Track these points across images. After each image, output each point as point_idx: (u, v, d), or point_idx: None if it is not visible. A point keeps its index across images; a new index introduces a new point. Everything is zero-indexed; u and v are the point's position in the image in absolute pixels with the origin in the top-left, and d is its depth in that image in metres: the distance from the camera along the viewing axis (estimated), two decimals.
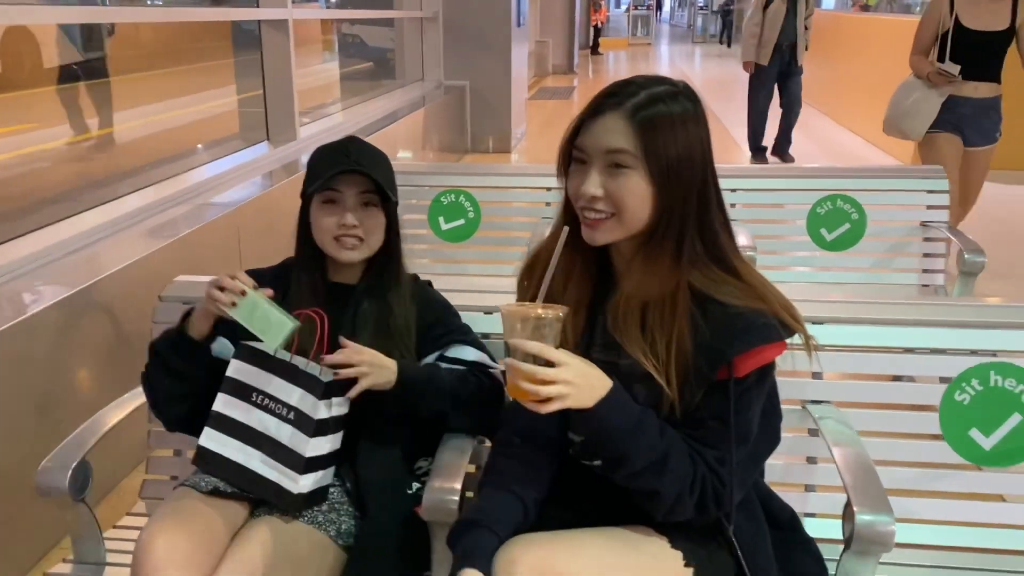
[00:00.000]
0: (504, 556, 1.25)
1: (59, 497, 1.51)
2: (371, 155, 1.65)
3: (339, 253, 1.62)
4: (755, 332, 1.26)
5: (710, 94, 13.48)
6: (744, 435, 1.32)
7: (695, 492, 1.28)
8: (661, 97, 1.28)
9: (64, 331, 2.42)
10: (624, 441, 1.24)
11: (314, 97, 6.75)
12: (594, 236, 1.31)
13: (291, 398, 1.50)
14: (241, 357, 1.54)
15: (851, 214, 3.19)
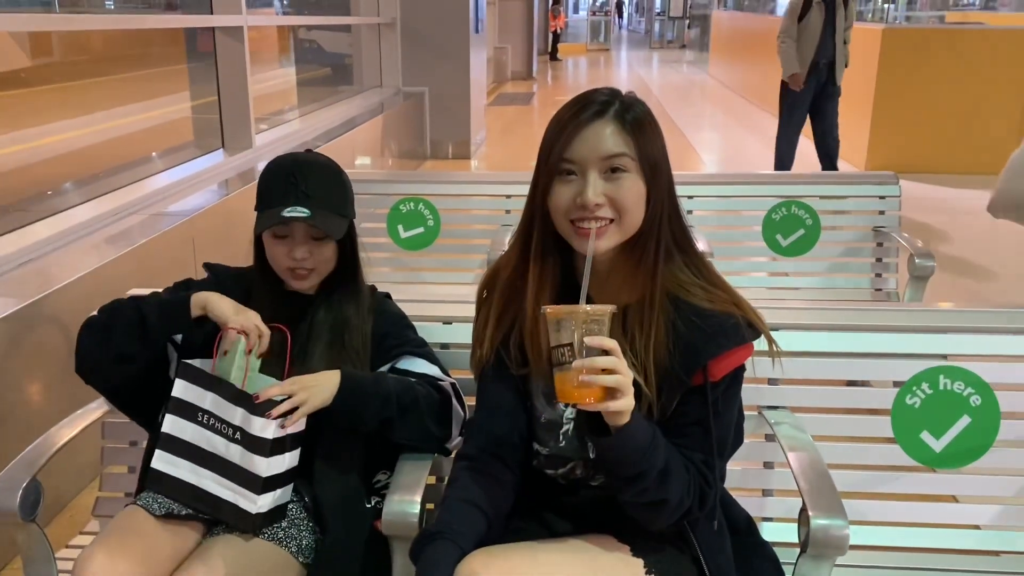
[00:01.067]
0: (464, 569, 1.25)
1: (9, 518, 1.47)
2: (322, 180, 1.59)
3: (291, 281, 1.62)
4: (727, 335, 1.30)
5: (668, 100, 13.63)
6: (724, 437, 1.35)
7: (692, 493, 1.31)
8: (633, 101, 1.35)
9: (14, 345, 2.37)
10: (643, 459, 1.25)
11: (270, 104, 6.67)
12: (597, 244, 1.30)
13: (234, 418, 1.48)
14: (184, 376, 1.52)
15: (805, 220, 3.25)
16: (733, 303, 1.34)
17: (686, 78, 18.44)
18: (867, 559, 1.70)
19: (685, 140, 9.44)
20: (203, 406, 1.50)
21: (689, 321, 1.31)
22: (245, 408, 1.48)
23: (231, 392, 1.50)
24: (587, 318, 1.18)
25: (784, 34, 6.33)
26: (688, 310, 1.32)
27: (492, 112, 10.75)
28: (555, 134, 1.33)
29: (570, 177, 1.31)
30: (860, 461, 1.77)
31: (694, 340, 1.30)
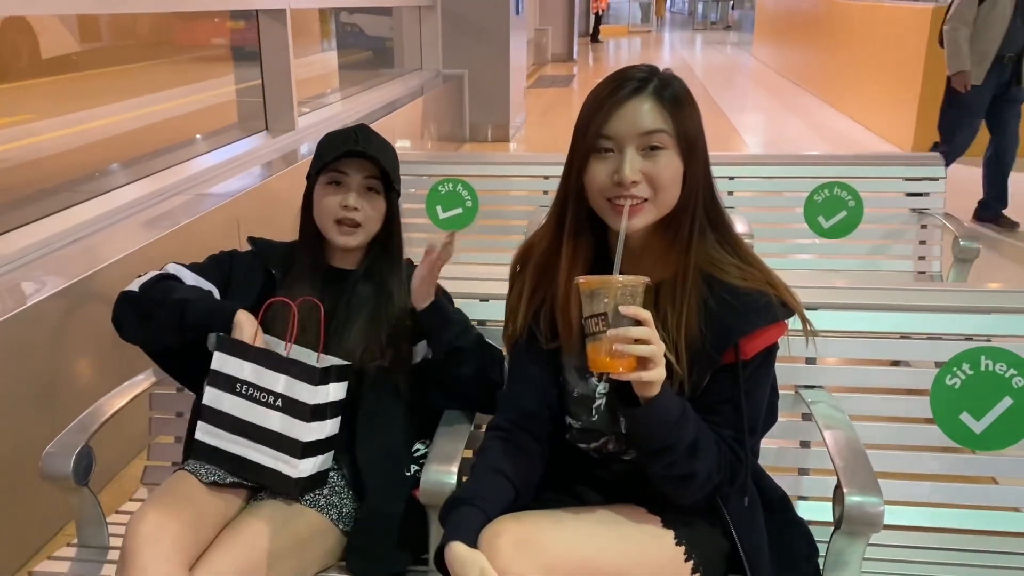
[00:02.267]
0: (489, 530, 1.28)
1: (63, 482, 1.53)
2: (379, 143, 1.68)
3: (336, 237, 1.65)
4: (759, 313, 1.30)
5: (711, 81, 13.48)
6: (755, 415, 1.36)
7: (722, 469, 1.32)
8: (671, 77, 1.34)
9: (65, 320, 2.44)
10: (672, 432, 1.26)
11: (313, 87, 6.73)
12: (633, 222, 1.30)
13: (276, 385, 1.51)
14: (223, 349, 1.55)
15: (848, 201, 3.20)
16: (767, 281, 1.34)
17: (730, 59, 18.19)
18: (904, 539, 1.69)
19: (728, 122, 9.33)
20: (242, 377, 1.53)
21: (721, 299, 1.31)
22: (291, 374, 1.51)
23: (275, 359, 1.52)
24: (621, 289, 1.19)
25: (956, 19, 5.03)
26: (721, 288, 1.32)
27: (532, 94, 10.71)
28: (592, 110, 1.32)
29: (607, 154, 1.31)
30: (898, 441, 1.76)
31: (726, 318, 1.30)
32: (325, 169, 1.64)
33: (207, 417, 1.55)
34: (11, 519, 2.23)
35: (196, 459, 1.57)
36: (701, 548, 1.37)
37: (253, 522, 1.44)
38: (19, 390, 2.27)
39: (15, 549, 2.25)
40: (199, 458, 1.56)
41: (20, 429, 2.24)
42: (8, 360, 2.22)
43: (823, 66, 11.06)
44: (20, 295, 2.38)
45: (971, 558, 1.64)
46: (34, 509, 2.28)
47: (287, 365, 1.51)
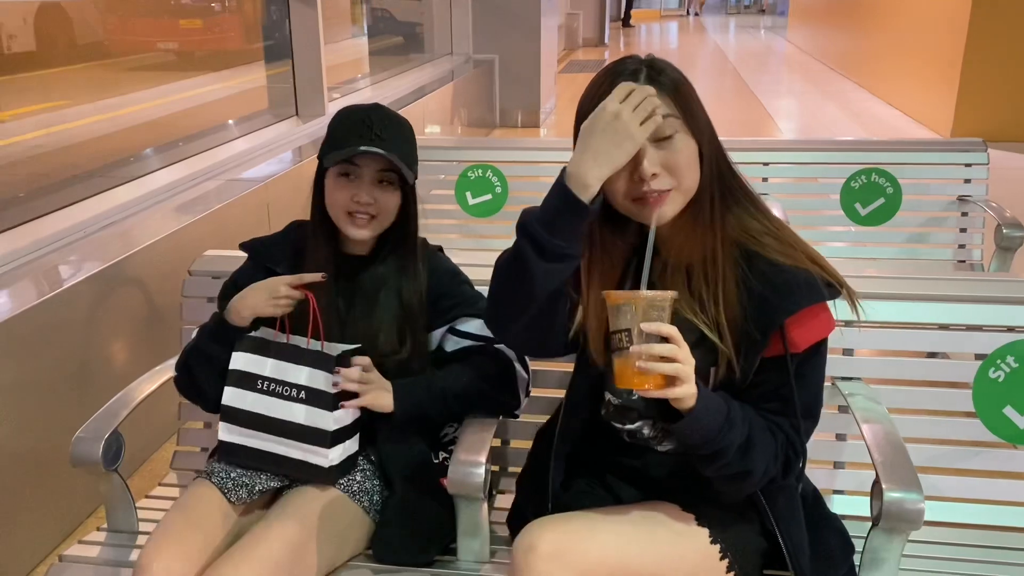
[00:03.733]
0: (522, 542, 1.26)
1: (92, 467, 1.54)
2: (395, 129, 1.57)
3: (348, 229, 1.57)
4: (803, 291, 1.26)
5: (745, 66, 13.29)
6: (810, 406, 1.32)
7: (779, 460, 1.29)
8: (662, 63, 1.31)
9: (97, 304, 2.46)
10: (719, 438, 1.23)
11: (344, 72, 6.72)
12: (663, 213, 1.26)
13: (299, 378, 1.51)
14: (242, 348, 1.54)
15: (886, 188, 3.13)
16: (809, 258, 1.29)
17: (764, 44, 17.93)
18: (944, 536, 1.64)
19: (761, 107, 9.19)
20: (263, 373, 1.53)
21: (762, 275, 1.27)
22: (313, 365, 1.50)
23: (294, 352, 1.52)
24: (647, 304, 1.16)
25: None
26: (761, 263, 1.28)
27: (563, 79, 10.63)
28: (592, 109, 1.24)
29: None
30: (938, 435, 1.71)
31: (768, 295, 1.26)
32: (337, 162, 1.55)
33: (229, 417, 1.54)
34: (42, 503, 2.25)
35: (224, 460, 1.56)
36: (736, 546, 1.35)
37: (287, 513, 1.44)
38: (52, 373, 2.29)
39: (46, 533, 2.27)
40: (227, 459, 1.55)
41: (52, 413, 2.27)
42: (42, 343, 2.24)
43: (860, 50, 10.85)
44: (55, 279, 2.40)
45: (1014, 556, 1.59)
46: (65, 493, 2.31)
47: (306, 356, 1.51)
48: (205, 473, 1.56)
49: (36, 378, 2.23)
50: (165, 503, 1.75)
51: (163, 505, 1.74)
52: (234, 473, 1.54)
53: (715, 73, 13.10)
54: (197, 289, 1.85)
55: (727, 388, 1.31)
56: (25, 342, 2.19)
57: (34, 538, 2.24)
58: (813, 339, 1.29)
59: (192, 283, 1.88)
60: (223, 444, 1.55)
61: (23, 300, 2.23)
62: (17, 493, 2.17)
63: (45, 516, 2.27)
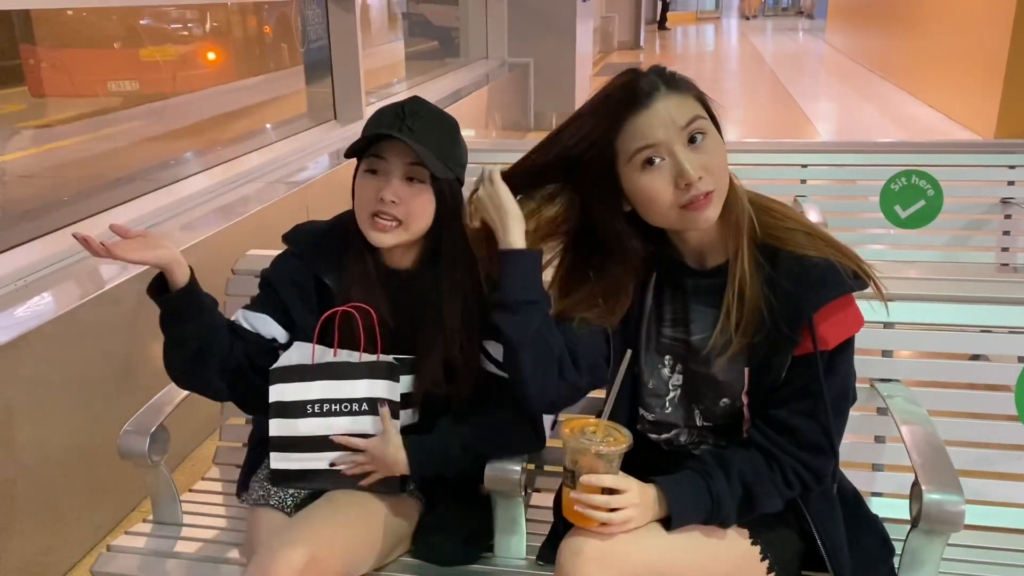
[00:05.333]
0: (568, 546, 1.27)
1: (139, 460, 1.58)
2: (429, 121, 1.43)
3: (370, 233, 1.42)
4: (828, 284, 1.26)
5: (782, 69, 13.17)
6: (841, 404, 1.33)
7: (793, 484, 1.31)
8: (666, 68, 1.30)
9: (141, 304, 2.51)
10: (715, 519, 1.30)
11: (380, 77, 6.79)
12: (709, 215, 1.25)
13: (357, 391, 1.45)
14: (277, 380, 1.45)
15: (927, 190, 3.09)
16: (835, 249, 1.29)
17: (801, 46, 17.76)
18: (985, 540, 1.62)
19: (799, 110, 9.10)
20: (310, 397, 1.45)
21: (787, 271, 1.27)
22: (370, 375, 1.45)
23: (347, 368, 1.46)
24: (595, 455, 1.25)
25: None
26: (785, 259, 1.28)
27: (598, 83, 10.59)
28: (610, 124, 1.25)
29: (655, 165, 1.24)
30: (979, 438, 1.69)
31: (794, 290, 1.26)
32: (361, 152, 1.43)
33: (281, 447, 1.46)
34: (90, 496, 2.31)
35: (281, 485, 1.51)
36: (776, 547, 1.36)
37: (341, 500, 1.45)
38: (97, 371, 2.35)
39: (94, 524, 2.34)
40: (282, 484, 1.50)
41: (98, 409, 2.32)
42: (88, 341, 2.30)
43: (900, 51, 10.70)
44: (99, 278, 2.46)
45: None
46: (111, 487, 2.36)
47: (360, 369, 1.46)
48: (259, 498, 1.52)
49: (82, 375, 2.29)
50: (209, 496, 1.79)
51: (206, 499, 1.78)
52: (292, 490, 1.52)
53: (752, 75, 13.00)
54: (241, 288, 1.89)
55: (759, 389, 1.32)
56: (72, 340, 2.25)
57: (83, 529, 2.30)
58: (842, 336, 1.29)
59: (236, 282, 1.92)
60: (279, 473, 1.48)
61: (69, 299, 2.30)
62: (66, 486, 2.23)
63: (93, 508, 2.33)
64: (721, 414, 1.37)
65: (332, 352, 1.48)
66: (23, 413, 2.10)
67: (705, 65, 15.17)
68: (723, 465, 1.31)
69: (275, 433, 1.46)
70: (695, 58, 16.46)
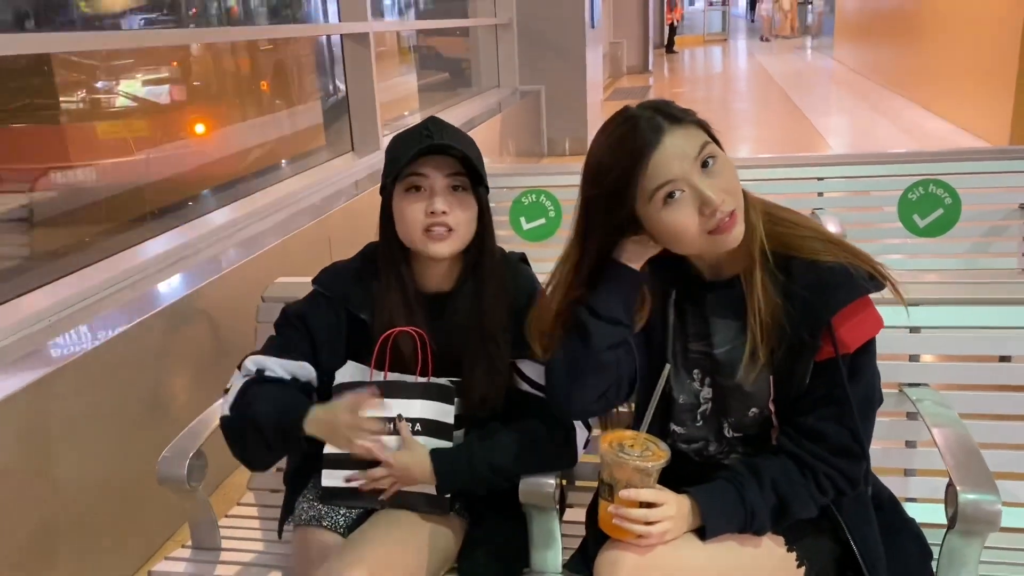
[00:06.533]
0: (606, 558, 1.28)
1: (177, 485, 1.60)
2: (455, 133, 1.48)
3: (428, 247, 1.45)
4: (844, 287, 1.27)
5: (791, 86, 13.21)
6: (867, 406, 1.33)
7: (826, 490, 1.32)
8: (662, 101, 1.33)
9: (169, 335, 2.56)
10: (751, 523, 1.31)
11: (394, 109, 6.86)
12: (736, 234, 1.27)
13: (412, 411, 1.48)
14: (337, 396, 1.46)
15: (944, 199, 3.09)
16: (849, 253, 1.30)
17: (809, 64, 17.82)
18: (1021, 542, 1.61)
19: (810, 125, 9.12)
20: (371, 415, 1.43)
21: (802, 278, 1.29)
22: (425, 396, 1.48)
23: (403, 387, 1.49)
24: (634, 470, 1.26)
25: None
26: (799, 267, 1.29)
27: (608, 107, 10.68)
28: (626, 168, 1.26)
29: (676, 198, 1.26)
30: (1012, 440, 1.68)
31: (810, 297, 1.27)
32: (401, 175, 1.45)
33: (334, 464, 1.49)
34: (128, 524, 2.34)
35: (331, 503, 1.52)
36: (811, 553, 1.36)
37: (393, 519, 1.46)
38: (130, 402, 2.38)
39: (131, 552, 2.36)
40: (331, 502, 1.52)
41: (133, 439, 2.36)
42: (120, 374, 2.34)
43: (909, 64, 10.72)
44: (130, 312, 2.50)
45: None
46: (149, 515, 2.39)
47: (415, 389, 1.49)
48: (309, 519, 1.52)
49: (115, 407, 2.32)
50: (246, 521, 1.81)
51: (243, 524, 1.80)
52: (343, 510, 1.53)
53: (761, 94, 13.05)
54: (270, 314, 1.90)
55: (785, 397, 1.33)
56: (104, 373, 2.28)
57: (121, 557, 2.32)
58: (863, 338, 1.29)
59: (266, 309, 1.95)
60: (329, 490, 1.50)
61: (100, 334, 2.33)
62: (103, 515, 2.26)
63: (131, 537, 2.36)
64: (750, 424, 1.38)
65: (383, 375, 1.51)
66: (62, 446, 2.13)
67: (715, 86, 15.24)
68: (755, 473, 1.32)
69: (329, 450, 1.49)
70: (704, 80, 16.54)
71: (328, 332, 1.53)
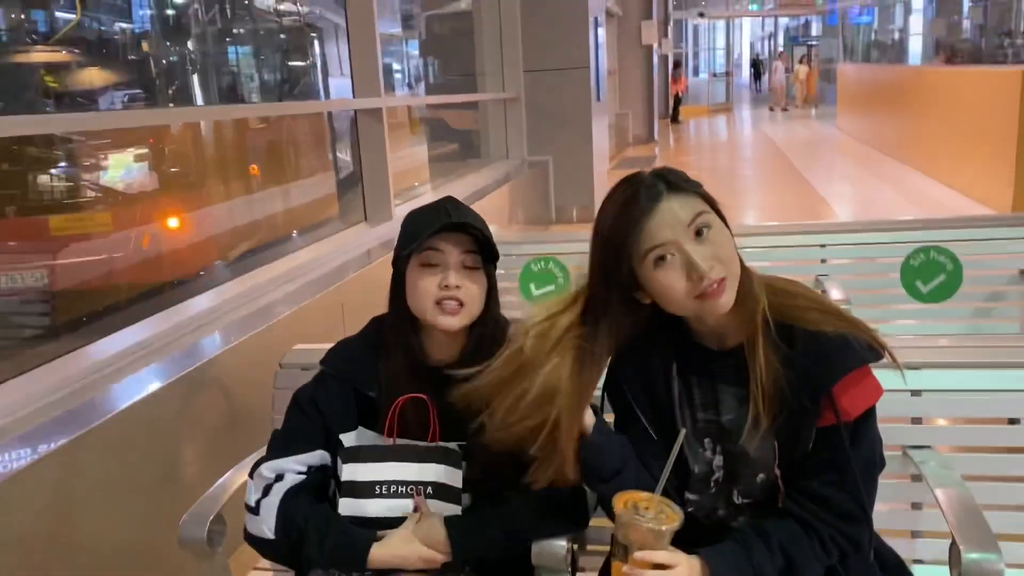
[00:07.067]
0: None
1: (198, 548, 1.64)
2: (470, 213, 1.57)
3: (438, 319, 1.52)
4: (844, 357, 1.32)
5: (796, 154, 13.41)
6: (868, 470, 1.37)
7: (831, 551, 1.35)
8: (663, 168, 1.40)
9: (187, 403, 2.61)
10: None
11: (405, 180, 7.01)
12: (725, 301, 1.32)
13: (425, 475, 1.54)
14: (350, 460, 1.55)
15: (946, 265, 3.14)
16: (848, 323, 1.35)
17: (813, 132, 18.09)
18: None
19: (815, 193, 9.25)
20: (382, 479, 1.54)
21: (803, 348, 1.33)
22: (436, 460, 1.54)
23: (416, 451, 1.55)
24: (646, 533, 1.28)
25: None
26: (800, 336, 1.34)
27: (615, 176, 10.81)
28: (621, 233, 1.33)
29: (667, 261, 1.32)
30: (1016, 502, 1.71)
31: (811, 366, 1.32)
32: (417, 249, 1.53)
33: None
34: None
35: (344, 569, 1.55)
36: None
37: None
38: (148, 468, 2.42)
39: None
40: (344, 568, 1.54)
41: (149, 505, 2.38)
42: (138, 441, 2.38)
43: (911, 134, 10.90)
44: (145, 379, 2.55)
45: None
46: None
47: (428, 453, 1.54)
48: None
49: (134, 473, 2.36)
50: None
51: None
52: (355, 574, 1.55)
53: (767, 162, 13.25)
54: (288, 381, 1.96)
55: (789, 461, 1.37)
56: (124, 440, 2.32)
57: None
58: (863, 406, 1.35)
59: (283, 375, 2.00)
60: None
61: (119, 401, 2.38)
62: None
63: None
64: (758, 489, 1.42)
65: (392, 440, 1.56)
66: (81, 516, 2.17)
67: (720, 154, 15.48)
68: (763, 535, 1.35)
69: (344, 513, 1.54)
70: (709, 148, 16.81)
71: (338, 410, 1.60)
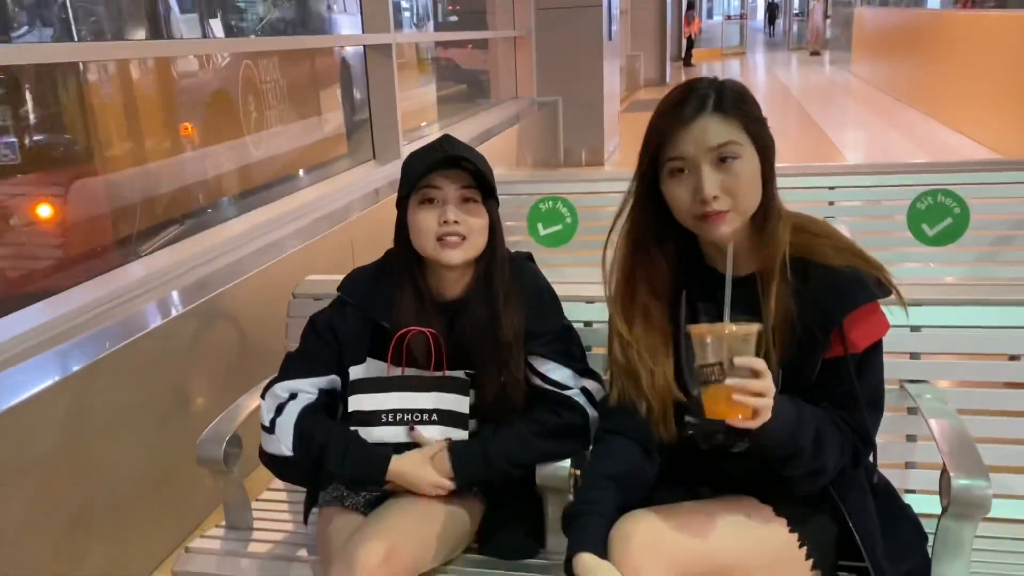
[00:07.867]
0: (618, 532, 1.35)
1: (214, 466, 1.70)
2: (467, 149, 1.58)
3: (441, 254, 1.55)
4: (854, 291, 1.35)
5: (809, 100, 13.26)
6: (875, 400, 1.41)
7: (848, 453, 1.38)
8: (731, 84, 1.40)
9: (199, 333, 2.66)
10: (793, 441, 1.31)
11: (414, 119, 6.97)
12: (721, 229, 1.36)
13: (428, 403, 1.60)
14: (357, 391, 1.61)
15: (953, 208, 3.15)
16: (861, 259, 1.38)
17: (827, 78, 17.85)
18: (1015, 532, 1.68)
19: (827, 139, 9.17)
20: (386, 408, 1.60)
21: (816, 281, 1.37)
22: (440, 389, 1.60)
23: (420, 381, 1.60)
24: (736, 338, 1.22)
25: None
26: (815, 270, 1.37)
27: (625, 119, 10.78)
28: (658, 132, 1.37)
29: (682, 174, 1.36)
30: (1009, 435, 1.75)
31: (822, 299, 1.36)
32: (416, 187, 1.56)
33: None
34: (163, 507, 2.45)
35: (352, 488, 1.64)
36: (813, 535, 1.43)
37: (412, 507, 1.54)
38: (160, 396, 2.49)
39: (168, 533, 2.48)
40: (354, 487, 1.63)
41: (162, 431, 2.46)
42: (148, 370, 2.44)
43: (927, 80, 10.75)
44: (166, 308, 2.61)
45: None
46: (181, 500, 2.50)
47: (434, 382, 1.60)
48: (332, 500, 1.64)
49: (146, 400, 2.42)
50: (274, 504, 1.91)
51: (273, 507, 1.89)
52: (364, 493, 1.64)
53: (779, 107, 13.08)
54: (301, 309, 2.01)
55: (791, 389, 1.39)
56: (135, 369, 2.38)
57: (158, 536, 2.44)
58: (871, 339, 1.39)
59: (296, 304, 2.05)
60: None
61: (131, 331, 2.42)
62: (142, 499, 2.37)
63: (166, 518, 2.47)
64: None
65: (400, 370, 1.61)
66: (97, 439, 2.23)
67: None
68: (808, 406, 1.36)
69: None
70: None
71: (353, 337, 1.64)
